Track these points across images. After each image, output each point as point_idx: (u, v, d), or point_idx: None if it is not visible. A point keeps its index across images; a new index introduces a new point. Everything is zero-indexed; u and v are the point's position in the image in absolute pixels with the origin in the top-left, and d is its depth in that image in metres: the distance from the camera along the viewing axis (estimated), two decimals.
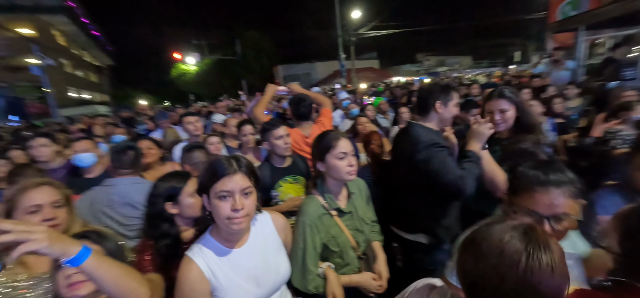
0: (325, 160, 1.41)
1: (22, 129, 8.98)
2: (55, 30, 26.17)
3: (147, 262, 1.38)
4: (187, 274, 1.03)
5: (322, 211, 1.43)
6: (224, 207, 0.99)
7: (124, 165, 1.98)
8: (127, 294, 0.88)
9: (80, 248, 0.78)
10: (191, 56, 23.49)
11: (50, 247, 0.72)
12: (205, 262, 1.05)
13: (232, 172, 1.00)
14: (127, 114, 9.92)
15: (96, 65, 37.90)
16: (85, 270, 0.79)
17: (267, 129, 2.01)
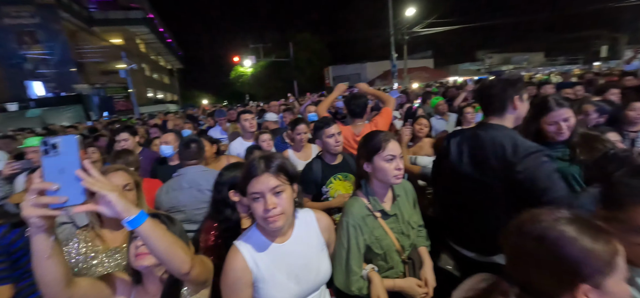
0: (373, 161, 1.39)
1: (113, 122, 10.56)
2: (138, 39, 30.35)
3: (210, 242, 1.53)
4: (232, 262, 1.08)
5: (365, 212, 1.42)
6: (258, 207, 1.04)
7: (190, 156, 2.24)
8: (172, 260, 0.99)
9: (138, 211, 0.87)
10: (248, 59, 25.06)
11: (117, 201, 0.82)
12: (250, 252, 1.09)
13: (260, 172, 1.03)
14: (192, 111, 11.02)
15: (169, 69, 42.84)
16: (141, 232, 0.89)
17: (320, 127, 2.06)
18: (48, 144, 0.75)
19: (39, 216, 0.74)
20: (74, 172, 0.76)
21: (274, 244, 1.14)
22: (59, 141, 0.76)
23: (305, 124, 2.91)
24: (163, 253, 0.95)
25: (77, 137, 0.80)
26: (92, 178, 0.78)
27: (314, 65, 31.59)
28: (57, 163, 0.75)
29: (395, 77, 19.07)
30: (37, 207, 0.73)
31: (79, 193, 0.77)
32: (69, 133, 5.98)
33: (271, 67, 30.37)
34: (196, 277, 1.10)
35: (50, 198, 0.74)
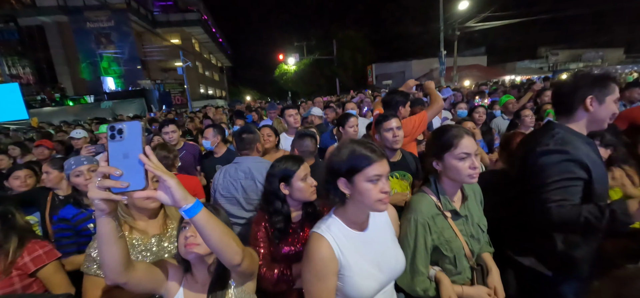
0: (444, 159, 1.29)
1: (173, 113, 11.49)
2: (194, 39, 32.78)
3: (261, 232, 1.56)
4: (318, 250, 1.05)
5: (435, 211, 1.32)
6: (374, 189, 1.02)
7: (245, 146, 2.31)
8: (226, 250, 1.00)
9: (195, 201, 0.88)
10: (292, 57, 25.64)
11: (176, 188, 0.82)
12: (335, 240, 1.07)
13: (382, 157, 1.04)
14: (239, 106, 11.59)
15: (219, 67, 45.65)
16: (196, 221, 0.89)
17: (380, 121, 1.99)
18: (114, 129, 0.77)
19: (102, 199, 0.76)
20: (136, 157, 0.77)
21: (355, 232, 1.12)
22: (125, 127, 0.77)
23: (355, 118, 2.86)
24: (217, 244, 0.96)
25: (141, 123, 0.81)
26: (153, 163, 0.79)
27: (357, 62, 31.23)
28: (121, 148, 0.77)
29: (443, 75, 18.03)
30: (101, 189, 0.75)
31: (141, 179, 0.78)
32: None
33: (314, 64, 30.69)
34: (245, 269, 1.12)
35: (113, 182, 0.75)
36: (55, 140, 5.28)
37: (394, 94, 2.67)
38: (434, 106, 2.51)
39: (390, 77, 30.87)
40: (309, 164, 2.19)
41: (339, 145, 1.10)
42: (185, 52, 23.11)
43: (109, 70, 23.86)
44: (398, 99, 2.58)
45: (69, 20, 23.10)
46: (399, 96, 2.60)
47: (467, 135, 1.26)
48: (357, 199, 1.05)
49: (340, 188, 1.06)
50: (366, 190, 1.02)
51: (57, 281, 1.57)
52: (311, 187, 1.58)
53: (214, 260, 1.20)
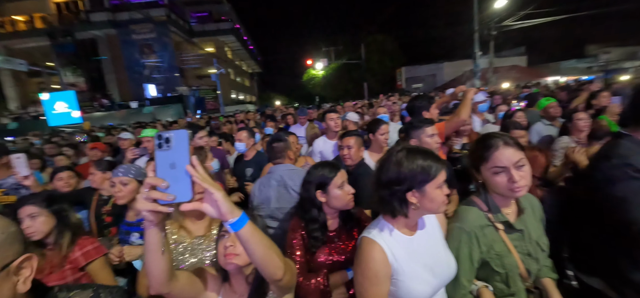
0: (480, 171, 1.20)
1: (205, 118, 12.04)
2: (226, 47, 34.31)
3: (297, 240, 1.53)
4: (372, 255, 1.05)
5: (485, 222, 1.21)
6: (442, 194, 1.04)
7: (276, 155, 2.30)
8: (269, 265, 0.97)
9: (241, 213, 0.85)
10: (320, 62, 25.86)
11: (223, 202, 0.79)
12: (387, 245, 1.06)
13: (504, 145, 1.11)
14: (269, 111, 11.87)
15: (249, 73, 47.29)
16: (241, 235, 0.86)
17: (418, 127, 1.91)
18: (162, 137, 0.74)
19: (149, 210, 0.74)
20: (183, 167, 0.74)
21: (407, 237, 1.10)
22: (172, 136, 0.74)
23: (387, 125, 2.78)
24: (260, 258, 0.93)
25: (188, 132, 0.78)
26: (200, 175, 0.76)
27: (386, 66, 30.76)
28: (168, 157, 0.74)
29: (478, 77, 17.15)
30: (148, 201, 0.73)
31: (187, 190, 0.74)
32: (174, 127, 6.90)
33: (342, 69, 30.71)
34: (286, 284, 1.08)
35: (160, 194, 0.73)
36: (104, 142, 5.73)
37: (416, 100, 2.60)
38: (454, 119, 2.32)
39: (421, 80, 30.00)
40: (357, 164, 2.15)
41: (398, 157, 1.05)
42: (218, 60, 24.20)
43: (151, 77, 25.62)
44: (420, 104, 2.51)
45: (117, 33, 25.24)
46: (421, 101, 2.53)
47: (504, 146, 1.13)
48: (424, 206, 1.04)
49: (409, 199, 1.04)
50: (436, 196, 1.02)
51: (103, 276, 1.67)
52: (348, 195, 1.53)
53: (252, 270, 1.18)
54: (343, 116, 3.95)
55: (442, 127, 2.26)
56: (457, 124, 2.30)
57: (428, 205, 1.04)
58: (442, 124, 2.29)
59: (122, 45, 25.33)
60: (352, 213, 1.61)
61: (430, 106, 2.50)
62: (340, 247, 1.56)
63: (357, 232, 1.60)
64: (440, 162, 1.03)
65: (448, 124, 2.30)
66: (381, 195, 1.08)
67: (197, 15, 30.98)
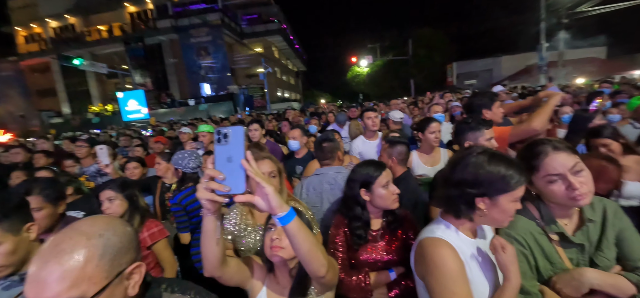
0: (533, 182, 1.09)
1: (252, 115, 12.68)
2: (273, 47, 35.65)
3: (340, 237, 1.54)
4: (444, 253, 0.98)
5: (536, 229, 1.11)
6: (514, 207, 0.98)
7: (326, 155, 2.26)
8: (313, 261, 0.99)
9: (289, 209, 0.87)
10: (365, 59, 25.46)
11: (273, 196, 0.82)
12: (455, 244, 1.00)
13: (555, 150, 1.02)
14: (313, 109, 12.05)
15: (295, 71, 48.52)
16: (288, 229, 0.88)
17: (475, 128, 1.76)
18: (220, 133, 0.80)
19: (207, 199, 0.80)
20: (239, 161, 0.78)
21: (470, 239, 1.05)
22: (229, 131, 0.79)
23: (437, 123, 2.62)
24: (306, 253, 0.96)
25: (244, 129, 0.82)
26: (253, 169, 0.80)
27: (435, 62, 29.09)
28: (226, 151, 0.79)
29: (544, 72, 15.34)
30: (207, 191, 0.79)
31: (241, 183, 0.79)
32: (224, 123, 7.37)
33: (387, 66, 29.87)
34: (328, 281, 1.10)
35: (217, 185, 0.78)
36: (167, 136, 6.37)
37: (476, 97, 2.32)
38: (524, 125, 1.90)
39: (475, 76, 27.83)
40: (399, 173, 2.06)
41: (478, 159, 0.97)
42: (266, 59, 25.31)
43: (206, 77, 27.76)
44: (480, 101, 2.20)
45: (178, 37, 27.81)
46: (481, 98, 2.23)
47: (554, 151, 1.02)
48: (492, 216, 0.97)
49: (478, 204, 0.96)
50: (508, 209, 0.95)
51: (165, 256, 1.86)
52: (393, 195, 1.50)
53: (296, 264, 1.22)
54: (388, 114, 3.84)
55: (506, 132, 1.93)
56: (527, 132, 1.84)
57: (496, 215, 0.97)
58: (507, 129, 1.96)
59: (182, 48, 27.86)
60: (397, 214, 1.57)
61: (492, 105, 2.21)
62: (383, 247, 1.54)
63: (401, 232, 1.56)
64: (523, 175, 0.94)
65: (516, 130, 1.92)
66: (449, 193, 1.02)
67: (247, 18, 32.66)
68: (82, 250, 0.65)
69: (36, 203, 1.44)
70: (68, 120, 27.01)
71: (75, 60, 17.16)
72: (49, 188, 1.53)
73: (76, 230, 0.68)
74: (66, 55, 18.07)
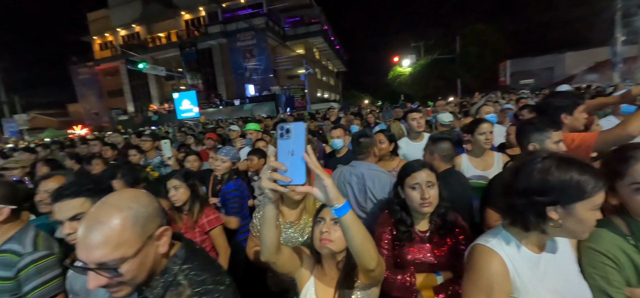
0: (616, 189, 1.00)
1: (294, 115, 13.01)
2: (315, 48, 36.20)
3: (386, 235, 1.54)
4: (489, 265, 0.95)
5: (628, 246, 1.00)
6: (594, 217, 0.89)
7: (361, 150, 2.30)
8: (365, 253, 1.01)
9: (345, 201, 0.90)
10: (407, 58, 24.66)
11: (331, 188, 0.86)
12: (509, 257, 0.94)
13: None
14: (354, 109, 12.01)
15: (335, 72, 48.74)
16: (343, 221, 0.91)
17: (541, 128, 1.63)
18: (283, 128, 0.85)
19: (270, 189, 0.87)
20: (300, 154, 0.84)
21: (533, 254, 0.97)
22: (292, 127, 0.85)
23: (489, 124, 2.47)
24: (358, 246, 0.98)
25: (305, 125, 0.87)
26: (313, 162, 0.85)
27: (486, 60, 27.03)
28: (288, 145, 0.85)
29: (620, 70, 13.45)
30: (270, 181, 0.85)
31: (302, 175, 0.84)
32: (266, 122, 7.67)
33: (432, 65, 28.50)
34: (376, 276, 1.12)
35: (279, 175, 0.84)
36: (216, 133, 6.84)
37: (556, 97, 2.03)
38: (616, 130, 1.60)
39: (532, 74, 25.39)
40: (442, 169, 2.00)
41: (545, 164, 0.90)
42: (307, 61, 25.83)
43: (250, 78, 29.18)
44: (560, 102, 1.93)
45: (227, 41, 29.61)
46: (562, 99, 1.96)
47: None
48: (568, 227, 0.89)
49: (549, 214, 0.88)
50: (586, 219, 0.86)
51: (220, 241, 2.03)
52: (419, 198, 1.46)
53: (343, 258, 1.26)
54: (433, 116, 3.69)
55: (591, 138, 1.67)
56: (619, 137, 1.56)
57: (573, 226, 0.88)
58: (592, 135, 1.70)
59: (230, 51, 29.62)
60: (446, 217, 1.52)
61: (575, 109, 1.88)
62: (431, 249, 1.51)
63: (449, 239, 1.51)
64: (600, 180, 0.85)
65: (606, 136, 1.63)
66: (513, 203, 0.94)
67: (290, 20, 33.62)
68: (117, 220, 0.77)
69: (119, 187, 1.67)
70: (132, 117, 30.29)
71: (139, 65, 19.29)
72: (129, 175, 1.75)
73: (108, 204, 0.80)
74: (132, 60, 20.36)
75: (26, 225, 1.46)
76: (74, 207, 1.24)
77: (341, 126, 3.42)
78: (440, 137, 2.15)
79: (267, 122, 7.63)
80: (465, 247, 1.40)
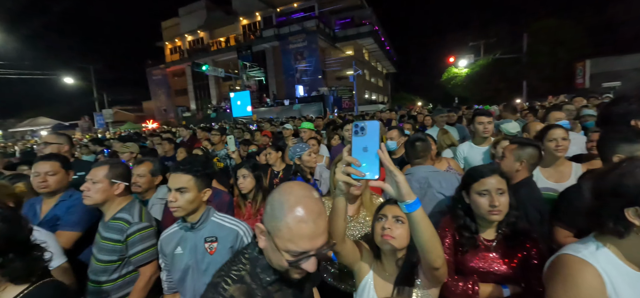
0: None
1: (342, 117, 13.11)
2: (364, 49, 35.90)
3: (448, 240, 1.52)
4: (582, 278, 0.88)
5: None
6: None
7: (417, 154, 2.27)
8: (432, 251, 1.01)
9: (416, 197, 0.93)
10: (465, 58, 23.05)
11: (403, 184, 0.90)
12: (606, 273, 0.87)
13: None
14: (403, 111, 11.66)
15: (384, 73, 47.70)
16: (413, 217, 0.94)
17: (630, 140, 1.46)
18: (358, 126, 0.91)
19: (344, 182, 0.93)
20: (374, 151, 0.89)
21: (632, 270, 0.89)
22: (366, 125, 0.90)
23: (562, 130, 2.25)
24: (426, 242, 1.00)
25: (379, 123, 0.92)
26: (387, 158, 0.90)
27: (559, 59, 23.89)
28: (362, 142, 0.90)
29: None
30: (345, 174, 0.91)
31: (375, 170, 0.89)
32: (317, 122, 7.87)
33: (492, 66, 26.12)
34: (440, 276, 1.12)
35: (353, 170, 0.90)
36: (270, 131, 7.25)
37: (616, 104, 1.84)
38: None
39: (618, 76, 21.83)
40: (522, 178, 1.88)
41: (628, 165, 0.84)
42: (356, 62, 25.73)
43: (300, 79, 30.08)
44: (623, 109, 1.76)
45: (279, 44, 30.97)
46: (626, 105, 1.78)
47: None
48: None
49: (628, 217, 0.83)
50: None
51: None
52: (488, 206, 1.39)
53: (403, 256, 1.29)
54: (499, 123, 3.42)
55: None
56: None
57: None
58: None
59: (282, 53, 30.92)
60: (518, 229, 1.44)
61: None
62: (497, 259, 1.44)
63: (520, 251, 1.41)
64: None
65: None
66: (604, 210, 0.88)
67: (340, 22, 33.83)
68: (324, 211, 0.88)
69: None
70: (194, 114, 33.39)
71: (203, 67, 21.26)
72: (208, 166, 2.00)
73: (314, 199, 0.86)
74: (197, 63, 22.50)
75: (133, 200, 1.77)
76: (182, 181, 1.45)
77: (397, 128, 3.40)
78: (527, 141, 1.99)
79: (318, 122, 7.86)
80: (539, 262, 1.33)
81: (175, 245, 1.50)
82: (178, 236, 1.51)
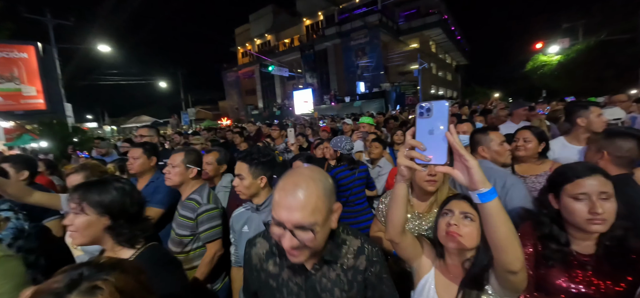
0: None
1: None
2: (431, 41, 33.54)
3: (528, 250, 1.28)
4: None
5: None
6: None
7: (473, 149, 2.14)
8: (509, 250, 0.85)
9: (491, 186, 0.80)
10: (556, 44, 19.65)
11: (476, 170, 0.79)
12: None
13: None
14: (475, 106, 10.52)
15: (453, 66, 43.87)
16: (487, 208, 0.81)
17: None
18: (423, 108, 0.82)
19: (406, 166, 0.86)
20: (441, 134, 0.79)
21: None
22: (433, 106, 0.80)
23: None
24: (502, 239, 0.85)
25: (448, 103, 0.81)
26: (457, 142, 0.79)
27: None
28: (428, 125, 0.81)
29: None
30: (407, 159, 0.84)
31: (443, 154, 0.79)
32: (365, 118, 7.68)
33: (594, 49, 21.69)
34: (518, 282, 0.94)
35: (417, 154, 0.81)
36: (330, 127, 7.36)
37: None
38: None
39: None
40: (618, 175, 1.55)
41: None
42: (422, 55, 24.21)
43: (361, 76, 29.73)
44: None
45: (340, 42, 31.06)
46: None
47: None
48: None
49: None
50: None
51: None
52: (587, 214, 1.11)
53: (471, 257, 1.14)
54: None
55: None
56: None
57: None
58: None
59: (343, 51, 30.96)
60: (627, 245, 1.13)
61: None
62: (595, 279, 1.15)
63: (630, 276, 1.11)
64: None
65: None
66: None
67: (405, 14, 32.23)
68: (314, 188, 0.85)
69: None
70: (261, 112, 35.91)
71: (269, 67, 22.73)
72: (265, 155, 2.12)
73: (303, 174, 0.87)
74: (264, 63, 24.12)
75: (204, 183, 1.98)
76: (240, 168, 1.64)
77: (470, 120, 3.14)
78: (619, 131, 1.64)
79: (379, 118, 7.69)
80: None
81: (243, 223, 1.69)
82: (245, 216, 1.69)
